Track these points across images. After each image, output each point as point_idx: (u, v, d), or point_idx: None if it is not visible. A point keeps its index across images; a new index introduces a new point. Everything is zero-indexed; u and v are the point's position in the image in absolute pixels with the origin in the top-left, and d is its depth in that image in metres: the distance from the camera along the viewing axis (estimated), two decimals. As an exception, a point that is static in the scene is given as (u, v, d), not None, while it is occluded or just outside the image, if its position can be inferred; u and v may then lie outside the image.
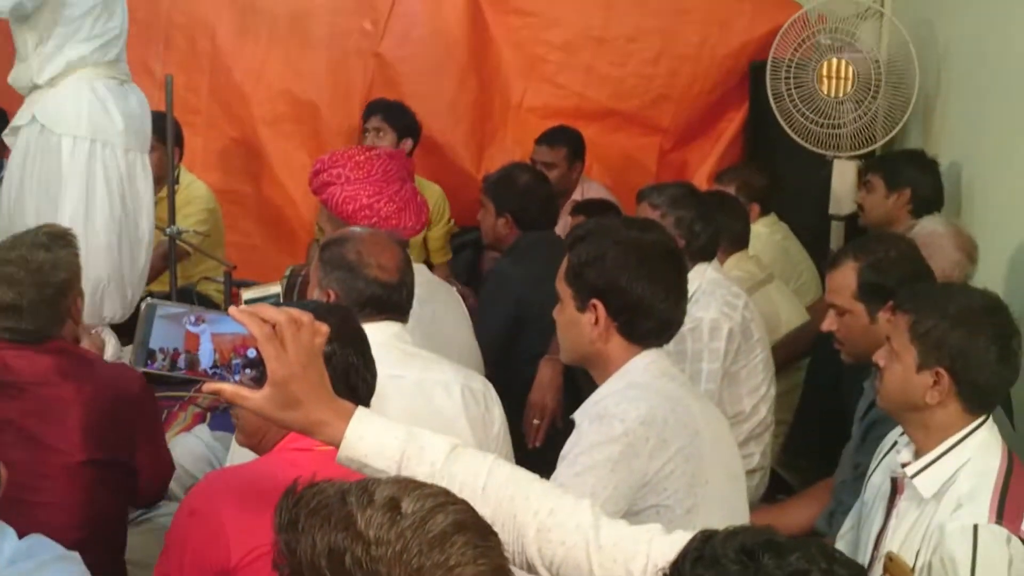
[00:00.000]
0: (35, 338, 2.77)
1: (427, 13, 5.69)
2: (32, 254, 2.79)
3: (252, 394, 1.54)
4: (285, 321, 1.53)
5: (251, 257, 5.58)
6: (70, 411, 2.71)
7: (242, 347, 1.54)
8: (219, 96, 5.80)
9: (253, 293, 2.69)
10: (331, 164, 3.37)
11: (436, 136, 5.62)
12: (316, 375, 1.57)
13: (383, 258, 2.72)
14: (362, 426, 1.60)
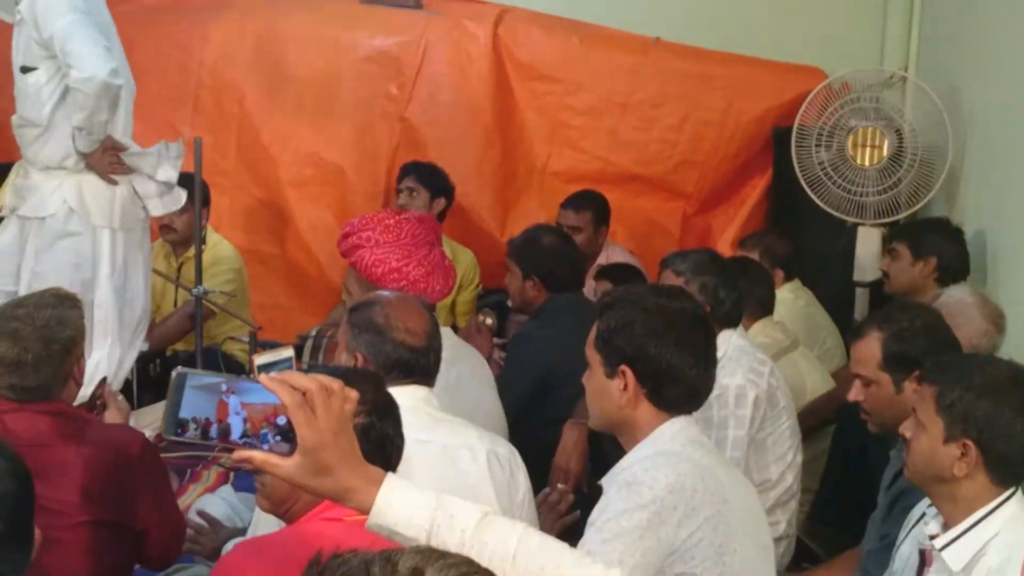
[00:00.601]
0: (37, 396, 2.77)
1: (453, 78, 5.75)
2: (39, 312, 2.80)
3: (283, 462, 1.53)
4: (315, 388, 1.52)
5: (275, 317, 5.61)
6: (70, 472, 2.68)
7: (273, 415, 1.53)
8: (247, 157, 5.86)
9: (266, 358, 2.70)
10: (361, 227, 3.39)
11: (461, 199, 5.65)
12: (346, 442, 1.57)
13: (411, 322, 2.73)
14: (392, 493, 1.60)
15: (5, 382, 2.72)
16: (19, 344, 2.72)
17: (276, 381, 1.50)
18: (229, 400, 1.52)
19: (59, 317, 2.81)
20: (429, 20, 5.82)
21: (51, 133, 4.14)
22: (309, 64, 5.78)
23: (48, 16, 3.92)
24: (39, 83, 4.08)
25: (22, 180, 4.31)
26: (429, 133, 5.75)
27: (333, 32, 5.84)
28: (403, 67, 5.74)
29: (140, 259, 4.42)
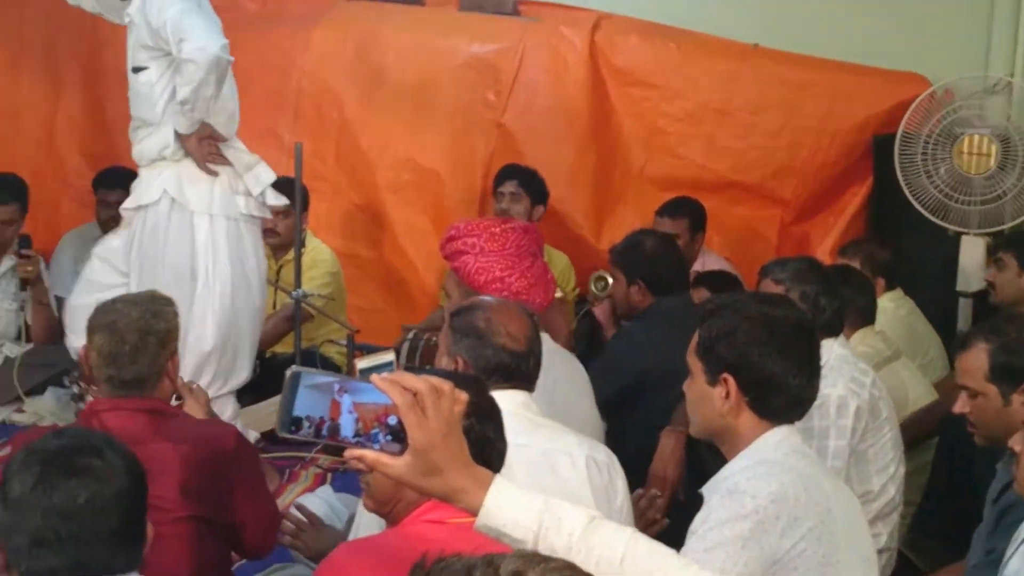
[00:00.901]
0: (133, 389, 2.83)
1: (550, 85, 5.76)
2: (134, 306, 2.89)
3: (393, 461, 1.55)
4: (426, 389, 1.54)
5: (372, 320, 5.67)
6: (169, 469, 2.72)
7: (384, 415, 1.55)
8: (345, 163, 5.93)
9: (367, 362, 2.73)
10: (466, 232, 3.40)
11: (556, 205, 5.66)
12: (456, 443, 1.58)
13: (512, 327, 2.74)
14: (501, 495, 1.61)
15: (103, 374, 2.79)
16: (116, 335, 2.79)
17: (388, 381, 1.53)
18: (341, 400, 1.54)
19: (154, 311, 2.88)
20: (526, 27, 5.84)
21: (159, 128, 4.25)
22: (407, 70, 5.83)
23: (161, 6, 4.01)
24: (151, 81, 4.18)
25: (136, 182, 4.43)
26: (525, 139, 5.76)
27: (431, 38, 5.89)
28: (500, 73, 5.76)
29: (250, 252, 4.46)
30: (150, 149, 4.29)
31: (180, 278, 4.23)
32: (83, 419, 2.83)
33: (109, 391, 2.81)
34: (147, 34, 4.11)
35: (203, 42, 3.98)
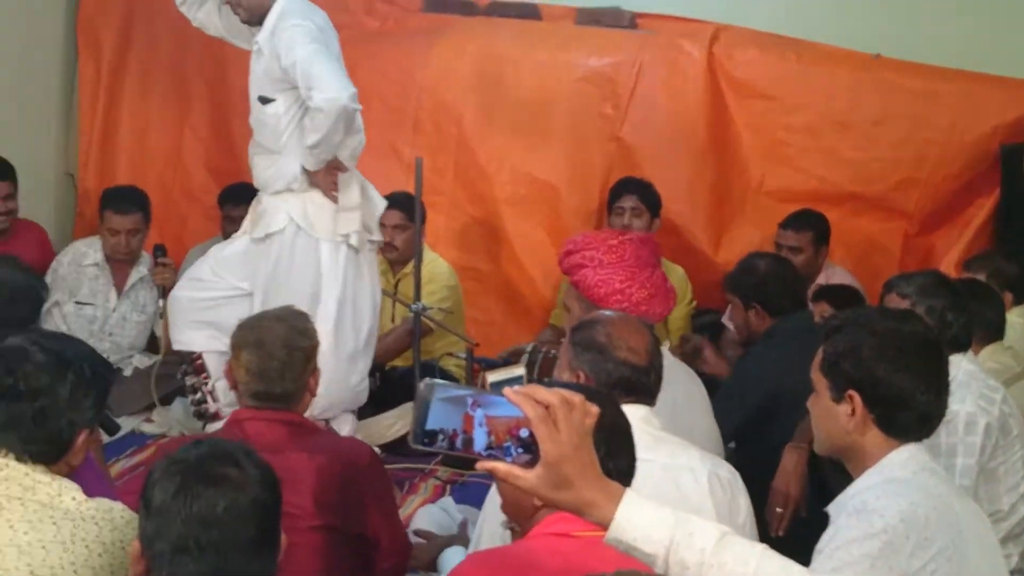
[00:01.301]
0: (279, 404, 2.91)
1: (668, 97, 5.73)
2: (280, 323, 2.99)
3: (525, 474, 1.56)
4: (558, 402, 1.56)
5: (490, 333, 5.71)
6: (304, 479, 2.80)
7: (516, 428, 1.56)
8: (463, 177, 5.97)
9: (498, 375, 2.76)
10: (584, 246, 3.42)
11: (674, 218, 5.65)
12: (587, 456, 1.59)
13: (633, 341, 2.74)
14: (631, 509, 1.61)
15: (251, 389, 2.88)
16: (264, 352, 2.88)
17: (520, 395, 1.54)
18: (474, 413, 1.56)
19: (299, 328, 2.97)
20: (644, 40, 5.83)
21: (284, 158, 4.34)
22: (525, 85, 5.86)
23: (291, 45, 4.10)
24: (277, 113, 4.28)
25: (254, 206, 4.54)
26: (643, 152, 5.75)
27: (548, 53, 5.91)
28: (617, 87, 5.76)
29: (366, 277, 4.56)
30: (275, 180, 4.39)
31: (303, 302, 4.31)
32: (226, 427, 2.94)
33: (254, 404, 2.89)
34: (276, 67, 4.19)
35: (333, 92, 4.06)
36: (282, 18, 4.19)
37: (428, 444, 1.57)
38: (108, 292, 5.46)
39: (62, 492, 2.25)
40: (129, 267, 5.49)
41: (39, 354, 2.35)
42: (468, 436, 1.56)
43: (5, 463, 2.26)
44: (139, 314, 5.50)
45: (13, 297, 2.96)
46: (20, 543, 2.15)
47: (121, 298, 5.47)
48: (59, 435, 2.32)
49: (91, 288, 5.45)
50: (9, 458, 2.27)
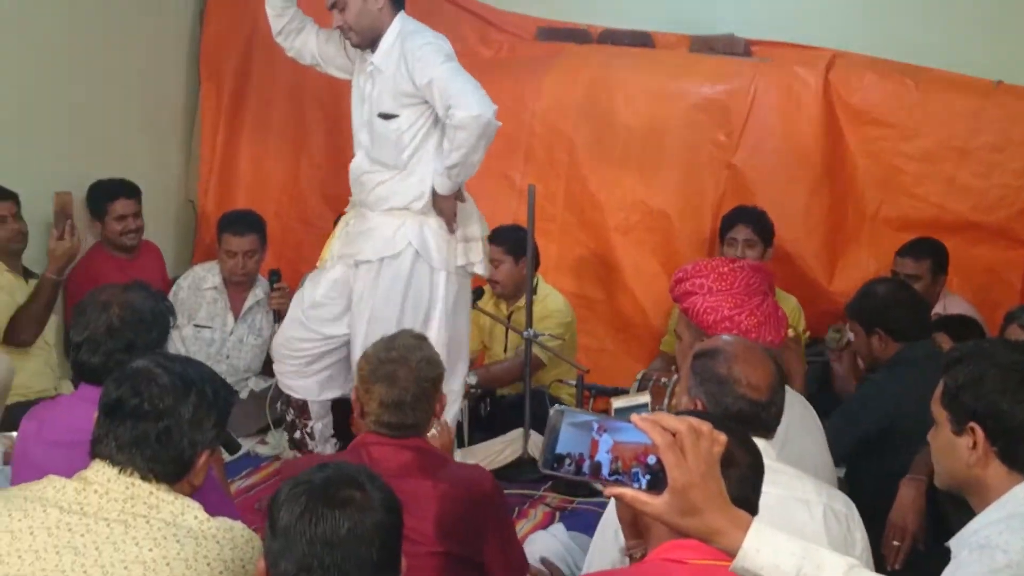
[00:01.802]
0: (409, 433, 2.95)
1: (782, 124, 5.69)
2: (410, 354, 3.02)
3: (652, 500, 1.57)
4: (686, 430, 1.57)
5: (601, 361, 5.70)
6: (427, 505, 2.83)
7: (643, 454, 1.58)
8: (574, 205, 5.99)
9: (623, 402, 2.75)
10: (694, 273, 3.40)
11: (787, 246, 5.59)
12: (714, 484, 1.60)
13: (755, 376, 2.70)
14: (759, 538, 1.61)
15: (383, 420, 2.93)
16: (398, 386, 2.93)
17: (648, 422, 1.56)
18: (600, 438, 1.58)
19: (427, 357, 3.01)
20: (758, 67, 5.80)
21: (406, 176, 4.36)
22: (637, 112, 5.86)
23: (425, 64, 4.15)
24: (400, 129, 4.30)
25: (355, 226, 4.52)
26: (756, 179, 5.71)
27: (661, 80, 5.90)
28: (731, 114, 5.73)
29: (465, 307, 4.61)
30: (399, 198, 4.38)
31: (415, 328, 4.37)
32: (351, 451, 2.98)
33: (382, 431, 2.94)
34: (405, 84, 4.23)
35: (477, 109, 4.09)
36: (407, 38, 4.24)
37: (556, 468, 1.59)
38: (225, 316, 5.58)
39: (185, 511, 2.31)
40: (246, 291, 5.61)
41: (164, 376, 2.41)
42: (594, 461, 1.58)
43: (131, 482, 2.32)
44: (255, 337, 5.60)
45: (144, 321, 3.04)
46: (145, 559, 2.21)
47: (238, 321, 5.58)
48: (182, 455, 2.38)
49: (209, 312, 5.58)
50: (134, 477, 2.33)
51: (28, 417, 3.09)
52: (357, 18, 4.25)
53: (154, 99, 6.31)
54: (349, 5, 4.23)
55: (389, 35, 4.28)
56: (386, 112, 4.31)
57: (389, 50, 4.27)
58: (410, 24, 4.32)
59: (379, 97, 4.33)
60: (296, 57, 4.64)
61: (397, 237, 4.40)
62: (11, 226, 4.93)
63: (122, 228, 5.54)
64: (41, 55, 5.36)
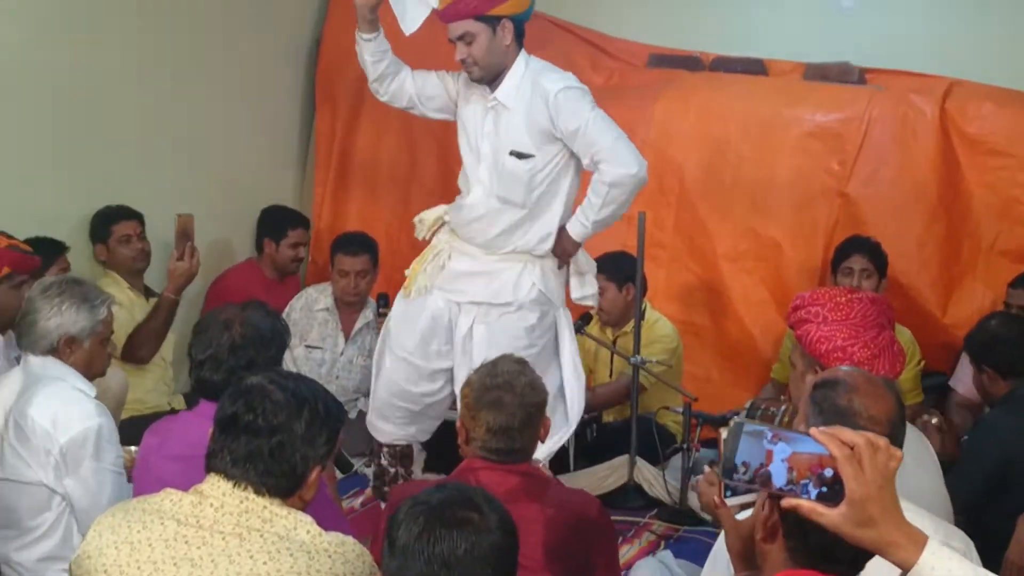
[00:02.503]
0: (516, 458, 2.97)
1: (897, 153, 5.61)
2: (515, 379, 3.04)
3: (828, 511, 1.62)
4: (863, 444, 1.62)
5: (706, 389, 5.66)
6: (535, 529, 2.84)
7: (818, 466, 1.62)
8: (684, 231, 5.96)
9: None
10: (811, 302, 3.36)
11: (900, 277, 5.51)
12: (890, 497, 1.64)
13: (875, 409, 2.65)
14: (935, 558, 1.63)
15: (490, 446, 2.95)
16: (505, 412, 2.95)
17: (827, 435, 1.62)
18: (775, 447, 1.63)
19: (531, 382, 3.03)
20: (873, 95, 5.72)
21: (533, 216, 4.32)
22: (749, 139, 5.83)
23: (571, 111, 4.13)
24: (534, 168, 4.25)
25: (459, 264, 4.46)
26: (870, 209, 5.63)
27: (774, 108, 5.86)
28: (845, 142, 5.66)
29: (568, 338, 4.57)
30: (521, 239, 4.34)
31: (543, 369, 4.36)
32: (458, 474, 3.00)
33: (489, 457, 2.96)
34: (542, 123, 4.19)
35: (635, 167, 4.13)
36: (538, 76, 4.23)
37: (734, 476, 1.65)
38: (336, 337, 5.67)
39: (297, 525, 2.34)
40: (356, 312, 5.70)
41: (277, 392, 2.46)
42: (767, 471, 1.63)
43: (245, 495, 2.36)
44: (364, 358, 5.67)
45: (263, 339, 3.12)
46: (260, 573, 2.25)
47: (348, 343, 5.67)
48: (294, 470, 2.42)
49: (321, 332, 5.68)
50: (248, 491, 2.37)
51: (150, 432, 3.18)
52: (485, 53, 4.18)
53: (271, 123, 6.44)
54: (477, 39, 4.16)
55: (515, 72, 4.25)
56: (521, 151, 4.24)
57: (517, 87, 4.23)
58: (536, 62, 4.30)
59: (508, 135, 4.26)
60: (390, 101, 4.57)
61: (522, 283, 4.36)
62: (136, 245, 5.10)
63: (294, 255, 5.89)
64: (161, 79, 5.51)
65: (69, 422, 3.25)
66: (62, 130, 4.99)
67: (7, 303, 3.98)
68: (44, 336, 3.37)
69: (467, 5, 4.13)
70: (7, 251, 4.03)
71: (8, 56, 4.69)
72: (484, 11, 4.14)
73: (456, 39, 4.21)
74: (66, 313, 3.37)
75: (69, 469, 3.25)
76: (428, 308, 4.48)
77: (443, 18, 4.20)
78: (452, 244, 4.50)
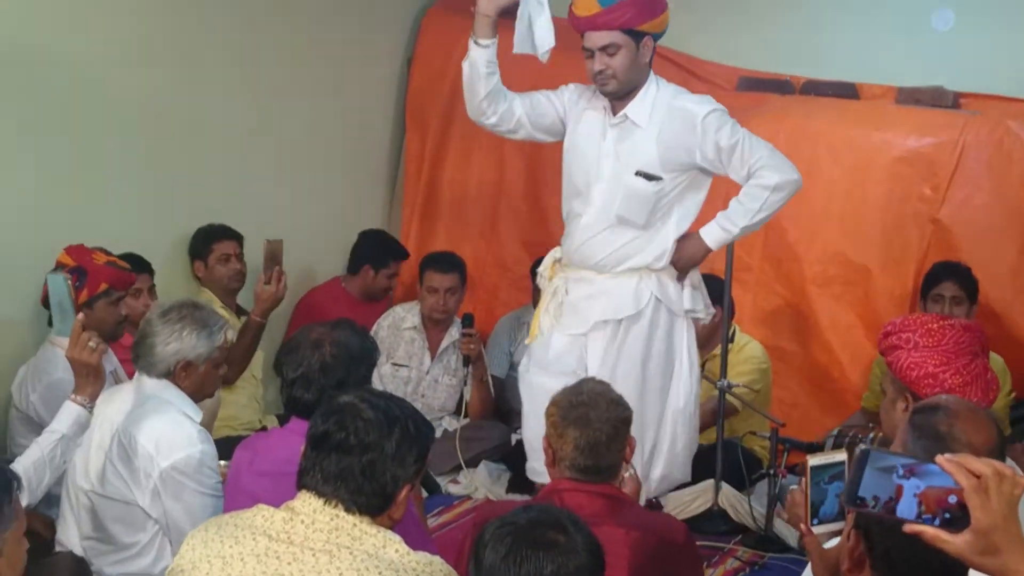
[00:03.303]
0: (603, 477, 2.97)
1: (991, 179, 5.51)
2: (599, 396, 3.04)
3: (952, 538, 1.62)
4: (991, 473, 1.62)
5: (794, 415, 5.61)
6: (619, 552, 2.81)
7: (945, 496, 1.64)
8: (772, 255, 5.92)
9: (819, 460, 2.71)
10: (902, 328, 3.34)
11: (994, 304, 5.41)
12: (1015, 526, 1.63)
13: (976, 437, 2.62)
14: None
15: (578, 464, 2.96)
16: (591, 429, 2.96)
17: (954, 464, 1.63)
18: (906, 483, 1.65)
19: (615, 399, 3.04)
20: (967, 120, 5.64)
21: (651, 235, 4.33)
22: (840, 163, 5.77)
23: (726, 131, 4.22)
24: (662, 191, 4.26)
25: (577, 292, 4.43)
26: (963, 235, 5.54)
27: (865, 132, 5.80)
28: (937, 167, 5.58)
29: (686, 348, 4.57)
30: (638, 256, 4.34)
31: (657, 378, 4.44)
32: (544, 495, 3.01)
33: (576, 476, 2.97)
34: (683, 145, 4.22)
35: (795, 174, 4.27)
36: (675, 97, 4.28)
37: (858, 506, 1.67)
38: (423, 355, 5.72)
39: (387, 544, 2.37)
40: (443, 331, 5.75)
41: (368, 411, 2.49)
42: (899, 504, 1.65)
43: (336, 513, 2.40)
44: (450, 377, 5.72)
45: (353, 357, 3.16)
46: (349, 589, 2.28)
47: (434, 361, 5.71)
48: (384, 488, 2.45)
49: (407, 351, 5.73)
50: (339, 508, 2.40)
51: (242, 447, 3.23)
52: (626, 67, 4.17)
53: (362, 147, 6.53)
54: (621, 52, 4.14)
55: (648, 90, 4.25)
56: (650, 173, 4.24)
57: (652, 106, 4.23)
58: (667, 84, 4.32)
59: (635, 154, 4.25)
60: (496, 124, 4.44)
61: (640, 293, 4.35)
62: (233, 265, 5.21)
63: (388, 285, 6.05)
64: (255, 103, 5.62)
65: (171, 448, 3.28)
66: (160, 152, 5.11)
67: (105, 318, 4.08)
68: (162, 360, 3.39)
69: (619, 16, 4.10)
70: (105, 267, 4.13)
71: (110, 77, 4.82)
72: (634, 25, 4.13)
73: (599, 49, 4.16)
74: (186, 339, 3.39)
75: (169, 492, 3.28)
76: (554, 347, 4.45)
77: (589, 26, 4.15)
78: (567, 276, 4.48)
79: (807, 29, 6.43)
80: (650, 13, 4.17)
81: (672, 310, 4.41)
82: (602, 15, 4.11)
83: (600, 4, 4.10)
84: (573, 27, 4.23)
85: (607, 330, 4.37)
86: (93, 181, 4.81)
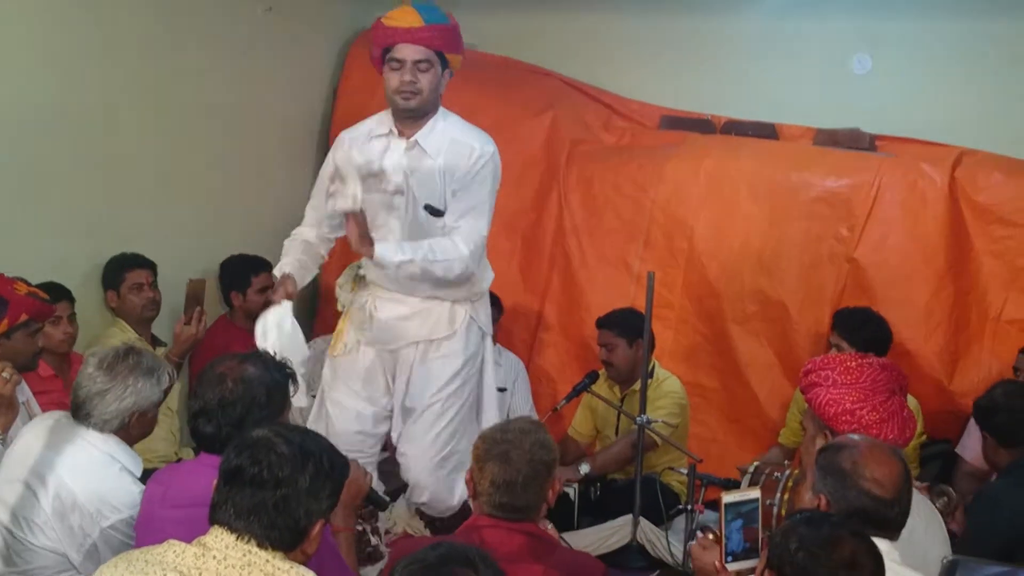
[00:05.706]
0: (521, 516, 2.95)
1: (906, 220, 5.62)
2: (524, 436, 3.03)
3: None
4: None
5: (712, 450, 5.63)
6: (536, 590, 2.82)
7: None
8: (692, 293, 5.97)
9: (733, 497, 2.74)
10: (821, 366, 3.39)
11: (907, 344, 5.50)
12: None
13: (879, 472, 2.67)
14: None
15: (495, 500, 2.94)
16: (511, 467, 2.94)
17: None
18: None
19: (540, 441, 3.02)
20: (883, 162, 5.76)
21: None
22: (759, 202, 5.85)
23: (481, 186, 4.22)
24: (447, 225, 4.26)
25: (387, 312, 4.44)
26: (877, 275, 5.63)
27: (784, 172, 5.88)
28: (854, 208, 5.68)
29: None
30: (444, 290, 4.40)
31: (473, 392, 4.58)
32: (463, 531, 2.99)
33: (495, 513, 2.95)
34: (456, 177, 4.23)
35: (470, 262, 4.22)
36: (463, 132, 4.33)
37: None
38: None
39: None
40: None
41: (283, 445, 2.46)
42: None
43: (248, 548, 2.36)
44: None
45: (255, 398, 3.07)
46: (261, 627, 2.24)
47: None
48: (297, 524, 2.42)
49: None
50: (251, 544, 2.37)
51: (154, 480, 3.16)
52: (432, 88, 4.21)
53: (285, 179, 6.45)
54: (431, 72, 4.19)
55: (438, 119, 4.28)
56: (435, 207, 4.27)
57: (440, 136, 4.24)
58: (454, 116, 4.34)
59: (424, 186, 4.25)
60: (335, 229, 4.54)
61: (455, 314, 4.43)
62: (146, 294, 5.11)
63: (263, 300, 5.66)
64: (174, 130, 5.56)
65: (114, 509, 3.21)
66: (77, 176, 5.01)
67: (22, 349, 3.98)
68: (116, 416, 3.31)
69: (439, 36, 4.17)
70: (26, 298, 4.03)
71: (26, 97, 4.72)
72: (448, 50, 4.22)
73: (413, 62, 4.17)
74: (141, 391, 3.33)
75: (112, 550, 3.15)
76: (360, 362, 4.51)
77: (408, 38, 4.16)
78: (375, 295, 4.49)
79: (729, 71, 6.54)
80: (457, 47, 4.27)
81: (483, 329, 4.51)
82: (424, 30, 4.16)
83: (423, 20, 4.16)
84: (382, 38, 4.23)
85: (419, 346, 4.43)
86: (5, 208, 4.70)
